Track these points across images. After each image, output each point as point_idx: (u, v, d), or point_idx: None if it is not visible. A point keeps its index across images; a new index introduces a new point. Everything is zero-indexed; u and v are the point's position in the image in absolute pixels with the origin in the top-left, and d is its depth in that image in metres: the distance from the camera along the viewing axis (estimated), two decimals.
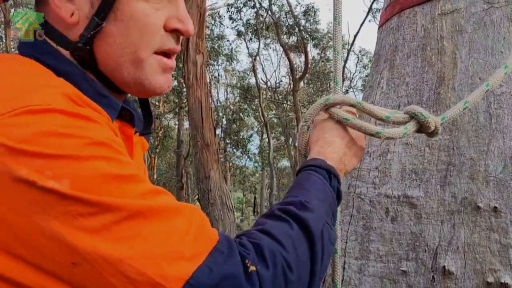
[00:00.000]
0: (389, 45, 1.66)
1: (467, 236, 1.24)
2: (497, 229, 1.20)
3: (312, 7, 19.04)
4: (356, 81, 23.47)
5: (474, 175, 1.27)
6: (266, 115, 21.44)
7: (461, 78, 1.38)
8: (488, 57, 1.34)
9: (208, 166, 9.23)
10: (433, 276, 1.27)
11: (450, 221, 1.28)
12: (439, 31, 1.47)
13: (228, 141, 22.76)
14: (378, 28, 1.85)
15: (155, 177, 21.60)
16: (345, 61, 18.46)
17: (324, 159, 0.84)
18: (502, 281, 1.16)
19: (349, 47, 18.86)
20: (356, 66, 23.75)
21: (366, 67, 22.36)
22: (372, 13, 17.61)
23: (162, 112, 20.06)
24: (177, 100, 19.40)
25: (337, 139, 0.86)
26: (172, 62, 0.71)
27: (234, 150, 24.04)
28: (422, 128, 0.90)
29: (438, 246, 1.28)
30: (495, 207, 1.21)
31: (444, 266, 1.25)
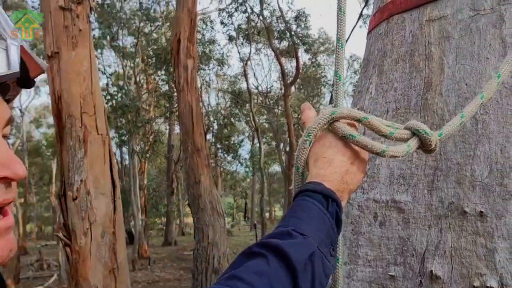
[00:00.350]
0: (377, 50, 1.67)
1: (454, 240, 1.25)
2: (483, 233, 1.21)
3: (303, 12, 19.14)
4: (347, 87, 23.59)
5: (460, 180, 1.28)
6: (257, 120, 21.46)
7: (448, 84, 1.39)
8: (475, 63, 1.36)
9: (198, 171, 9.20)
10: (420, 280, 1.28)
11: (437, 225, 1.28)
12: (427, 37, 1.49)
13: (219, 146, 22.71)
14: (367, 34, 1.86)
15: (145, 182, 21.46)
16: None
17: (322, 182, 0.77)
18: (488, 285, 1.16)
19: None
20: (347, 72, 23.88)
21: (357, 73, 22.51)
22: (363, 19, 17.74)
23: (153, 116, 19.97)
24: (168, 105, 19.34)
25: (338, 157, 0.80)
26: (8, 221, 0.57)
27: (225, 155, 23.98)
28: (422, 144, 0.87)
29: (426, 250, 1.29)
30: (481, 212, 1.22)
31: (432, 270, 1.25)
